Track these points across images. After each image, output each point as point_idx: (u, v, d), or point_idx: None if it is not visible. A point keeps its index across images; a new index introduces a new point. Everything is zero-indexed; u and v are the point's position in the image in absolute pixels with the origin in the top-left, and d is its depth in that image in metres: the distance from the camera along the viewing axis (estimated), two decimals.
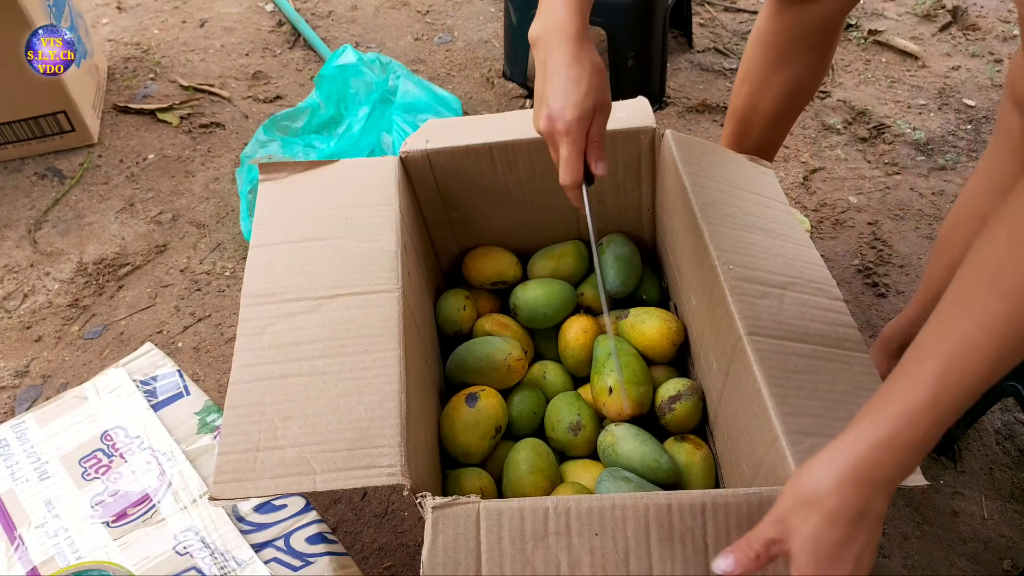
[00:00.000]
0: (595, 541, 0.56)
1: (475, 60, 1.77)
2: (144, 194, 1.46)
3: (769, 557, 0.51)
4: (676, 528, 0.57)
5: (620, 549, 0.56)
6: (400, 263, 0.74)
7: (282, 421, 0.63)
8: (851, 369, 0.68)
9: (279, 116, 1.42)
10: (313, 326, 0.69)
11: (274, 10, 1.92)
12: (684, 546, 0.56)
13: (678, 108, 1.62)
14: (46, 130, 1.49)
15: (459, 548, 0.56)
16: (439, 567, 0.55)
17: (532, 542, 0.56)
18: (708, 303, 0.77)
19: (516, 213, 0.97)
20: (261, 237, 0.78)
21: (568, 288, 0.96)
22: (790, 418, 0.62)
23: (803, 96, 1.04)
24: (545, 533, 0.57)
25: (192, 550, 0.70)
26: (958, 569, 0.95)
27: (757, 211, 0.82)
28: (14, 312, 1.27)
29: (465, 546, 0.56)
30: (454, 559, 0.56)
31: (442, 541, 0.56)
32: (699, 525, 0.57)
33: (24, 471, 0.77)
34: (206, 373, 1.17)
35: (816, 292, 0.75)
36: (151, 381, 0.85)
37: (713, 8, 1.90)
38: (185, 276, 1.32)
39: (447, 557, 0.56)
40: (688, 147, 0.85)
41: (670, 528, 0.57)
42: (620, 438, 0.80)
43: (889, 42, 1.78)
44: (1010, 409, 1.09)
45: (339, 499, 1.02)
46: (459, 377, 0.89)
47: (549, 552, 0.56)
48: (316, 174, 0.85)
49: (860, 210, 1.40)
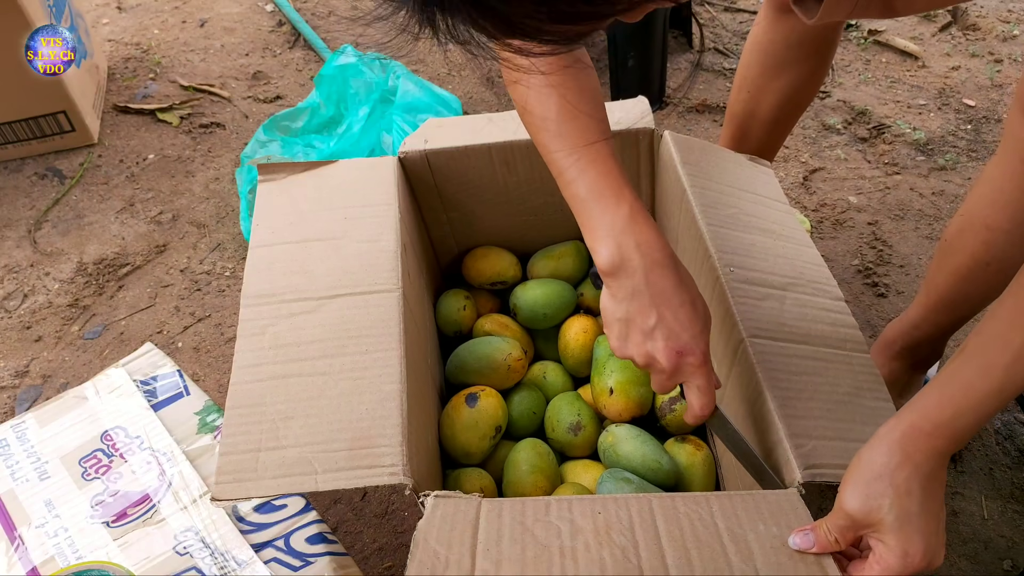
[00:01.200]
0: (598, 518, 0.56)
1: (475, 60, 1.77)
2: (144, 194, 1.46)
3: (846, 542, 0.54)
4: (682, 511, 0.56)
5: (624, 520, 0.55)
6: (400, 263, 0.74)
7: (283, 421, 0.63)
8: (853, 370, 0.68)
9: (279, 116, 1.42)
10: (313, 326, 0.69)
11: (274, 10, 1.92)
12: (692, 523, 0.56)
13: (678, 108, 1.62)
14: (46, 130, 1.49)
15: (457, 520, 0.56)
16: (434, 531, 0.55)
17: (532, 518, 0.56)
18: (709, 305, 0.76)
19: (516, 213, 0.97)
20: (261, 237, 0.78)
21: (568, 288, 0.96)
22: (793, 420, 0.62)
23: (802, 101, 1.04)
24: (547, 514, 0.56)
25: (192, 550, 0.70)
26: (958, 569, 0.95)
27: (757, 211, 0.82)
28: (14, 312, 1.27)
29: (464, 519, 0.56)
30: (450, 524, 0.55)
31: (440, 514, 0.56)
32: (705, 510, 0.56)
33: (24, 471, 0.77)
34: (206, 373, 1.17)
35: (817, 292, 0.75)
36: (151, 381, 0.85)
37: (713, 8, 1.90)
38: (185, 276, 1.32)
39: (443, 524, 0.55)
40: (687, 148, 0.85)
41: (675, 512, 0.56)
42: (621, 439, 0.80)
43: (889, 42, 1.78)
44: (1010, 409, 1.09)
45: (339, 499, 1.01)
46: (459, 377, 0.89)
47: (550, 525, 0.55)
48: (316, 174, 0.85)
49: (860, 210, 1.40)
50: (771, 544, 0.54)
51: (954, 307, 0.94)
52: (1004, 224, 0.82)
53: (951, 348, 1.16)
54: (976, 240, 0.85)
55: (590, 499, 0.57)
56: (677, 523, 0.55)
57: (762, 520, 0.55)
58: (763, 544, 0.54)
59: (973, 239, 0.86)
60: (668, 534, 0.54)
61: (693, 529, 0.55)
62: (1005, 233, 0.82)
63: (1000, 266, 0.85)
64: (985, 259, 0.85)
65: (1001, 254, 0.84)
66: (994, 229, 0.83)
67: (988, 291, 0.89)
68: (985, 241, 0.84)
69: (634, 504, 0.57)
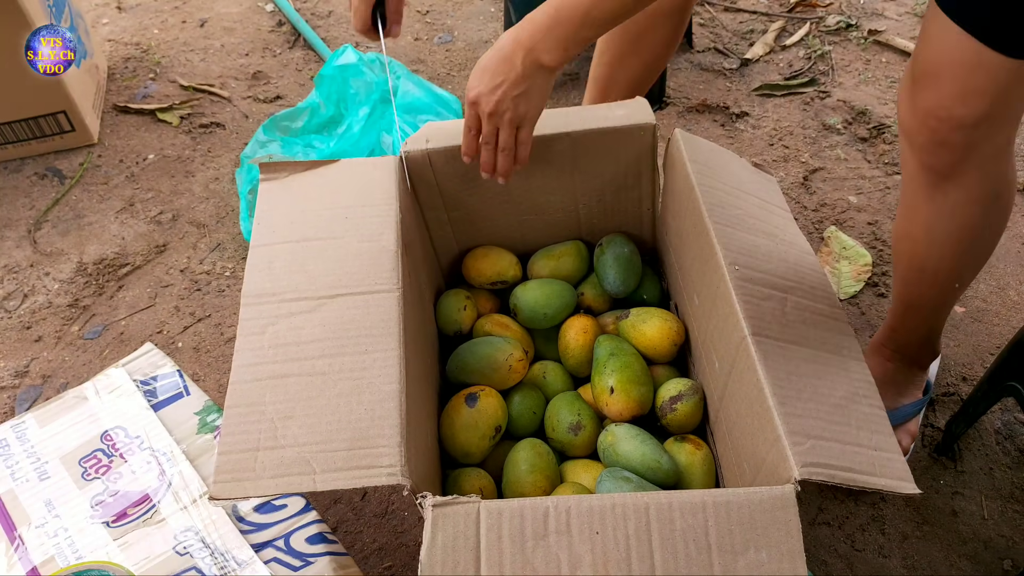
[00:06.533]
0: (596, 540, 0.56)
1: (475, 60, 1.77)
2: (144, 194, 1.46)
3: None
4: (678, 526, 0.57)
5: (621, 548, 0.56)
6: (400, 263, 0.74)
7: (282, 421, 0.63)
8: (849, 376, 0.68)
9: (279, 116, 1.42)
10: (313, 326, 0.69)
11: (274, 10, 1.92)
12: (687, 544, 0.56)
13: (678, 108, 1.62)
14: (46, 130, 1.49)
15: (458, 547, 0.56)
16: (437, 566, 0.55)
17: (532, 541, 0.56)
18: (712, 302, 0.77)
19: (516, 213, 0.97)
20: (261, 237, 0.78)
21: (568, 288, 0.96)
22: (792, 419, 0.62)
23: (658, 67, 1.15)
24: (545, 532, 0.57)
25: (192, 550, 0.70)
26: (958, 569, 0.95)
27: (761, 215, 0.82)
28: (14, 312, 1.27)
29: (464, 545, 0.56)
30: (453, 558, 0.56)
31: (441, 539, 0.56)
32: (700, 523, 0.57)
33: (24, 471, 0.77)
34: (206, 373, 1.17)
35: (817, 298, 0.75)
36: (151, 381, 0.85)
37: (713, 8, 1.90)
38: (185, 276, 1.32)
39: (446, 556, 0.56)
40: (697, 148, 0.85)
41: (672, 526, 0.57)
42: (620, 438, 0.80)
43: (889, 42, 1.78)
44: (1010, 409, 1.09)
45: (339, 499, 1.02)
46: (459, 377, 0.89)
47: (549, 551, 0.56)
48: (316, 174, 0.85)
49: (860, 210, 1.40)
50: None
51: (916, 310, 0.95)
52: (919, 234, 0.85)
53: (953, 348, 1.16)
54: (906, 248, 0.88)
55: (588, 507, 0.57)
56: (672, 547, 0.56)
57: (755, 544, 0.56)
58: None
59: (904, 247, 0.88)
60: (663, 563, 0.56)
61: (687, 552, 0.56)
62: (924, 243, 0.85)
63: (935, 266, 0.86)
64: (918, 265, 0.88)
65: (929, 258, 0.86)
66: (915, 239, 0.86)
67: (937, 293, 0.91)
68: (911, 250, 0.87)
69: (632, 520, 0.57)
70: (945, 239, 0.83)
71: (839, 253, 1.31)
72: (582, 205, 0.97)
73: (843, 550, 0.96)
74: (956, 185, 0.78)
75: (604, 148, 0.90)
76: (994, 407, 1.06)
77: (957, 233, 0.82)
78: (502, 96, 0.76)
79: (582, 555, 0.56)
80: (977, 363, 1.15)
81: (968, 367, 1.15)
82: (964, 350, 1.17)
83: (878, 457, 0.62)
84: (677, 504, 0.57)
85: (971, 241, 0.83)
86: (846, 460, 0.61)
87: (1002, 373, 0.93)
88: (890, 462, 0.62)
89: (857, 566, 0.95)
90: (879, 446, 0.63)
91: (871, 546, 0.96)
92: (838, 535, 0.97)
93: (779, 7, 1.90)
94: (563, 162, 0.91)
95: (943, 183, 0.78)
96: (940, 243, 0.84)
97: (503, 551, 0.56)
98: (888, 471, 0.61)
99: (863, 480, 0.60)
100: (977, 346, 1.18)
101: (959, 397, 1.11)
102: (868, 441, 0.63)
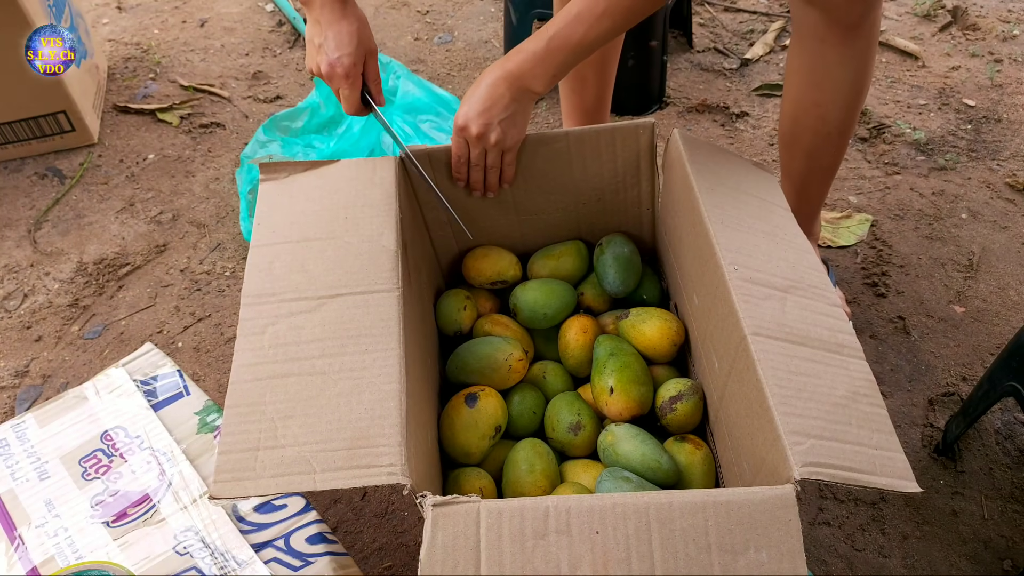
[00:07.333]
0: (596, 540, 0.56)
1: (475, 60, 1.77)
2: (144, 194, 1.46)
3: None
4: (678, 526, 0.57)
5: (621, 548, 0.56)
6: (400, 263, 0.74)
7: (282, 420, 0.63)
8: (850, 375, 0.68)
9: (279, 116, 1.42)
10: (313, 326, 0.69)
11: (274, 10, 1.92)
12: (687, 544, 0.56)
13: (678, 108, 1.62)
14: (46, 130, 1.49)
15: (458, 547, 0.56)
16: (437, 565, 0.55)
17: (532, 541, 0.56)
18: (712, 302, 0.77)
19: (516, 213, 0.97)
20: (261, 237, 0.78)
21: (568, 288, 0.96)
22: (791, 418, 0.62)
23: (608, 66, 1.23)
24: (545, 532, 0.57)
25: (192, 550, 0.70)
26: (958, 569, 0.95)
27: (761, 215, 0.82)
28: (14, 312, 1.27)
29: (464, 544, 0.56)
30: (453, 557, 0.56)
31: (441, 539, 0.56)
32: (700, 523, 0.57)
33: (24, 471, 0.77)
34: (206, 373, 1.17)
35: (816, 297, 0.75)
36: (151, 381, 0.85)
37: (713, 8, 1.90)
38: (185, 276, 1.32)
39: (446, 555, 0.56)
40: (696, 148, 0.85)
41: (672, 526, 0.57)
42: (620, 438, 0.80)
43: (889, 42, 1.78)
44: (1010, 409, 1.09)
45: (339, 499, 1.02)
46: (459, 377, 0.89)
47: (549, 551, 0.56)
48: (316, 174, 0.85)
49: (860, 210, 1.40)
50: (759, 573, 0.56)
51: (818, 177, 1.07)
52: (828, 96, 0.94)
53: None
54: (811, 118, 0.97)
55: (588, 506, 0.57)
56: (672, 546, 0.56)
57: (755, 544, 0.56)
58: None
59: (809, 119, 0.98)
60: (663, 563, 0.56)
61: (687, 551, 0.56)
62: (831, 103, 0.95)
63: (841, 125, 0.98)
64: (825, 131, 0.98)
65: (835, 120, 0.97)
66: (822, 104, 0.95)
67: (836, 155, 1.03)
68: (819, 116, 0.97)
69: (632, 520, 0.57)
70: (849, 89, 0.93)
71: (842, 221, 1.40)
72: (582, 205, 0.97)
73: (843, 550, 0.96)
74: (860, 33, 0.88)
75: (604, 148, 0.90)
76: (994, 407, 1.06)
77: (860, 81, 0.93)
78: (489, 120, 0.82)
79: (582, 555, 0.56)
80: (977, 363, 1.15)
81: (968, 367, 1.15)
82: (964, 350, 1.17)
83: (879, 456, 0.62)
84: (677, 504, 0.57)
85: (864, 85, 0.94)
86: (847, 459, 0.60)
87: (1002, 373, 0.93)
88: (891, 461, 0.62)
89: (857, 566, 0.95)
90: (880, 445, 0.63)
91: (871, 546, 0.96)
92: (838, 535, 0.97)
93: (779, 7, 1.90)
94: (563, 162, 0.91)
95: (851, 33, 0.87)
96: (845, 95, 0.94)
97: (503, 551, 0.56)
98: (889, 470, 0.61)
99: (864, 479, 0.60)
100: (977, 346, 1.18)
101: (959, 397, 1.11)
102: (869, 440, 0.63)
